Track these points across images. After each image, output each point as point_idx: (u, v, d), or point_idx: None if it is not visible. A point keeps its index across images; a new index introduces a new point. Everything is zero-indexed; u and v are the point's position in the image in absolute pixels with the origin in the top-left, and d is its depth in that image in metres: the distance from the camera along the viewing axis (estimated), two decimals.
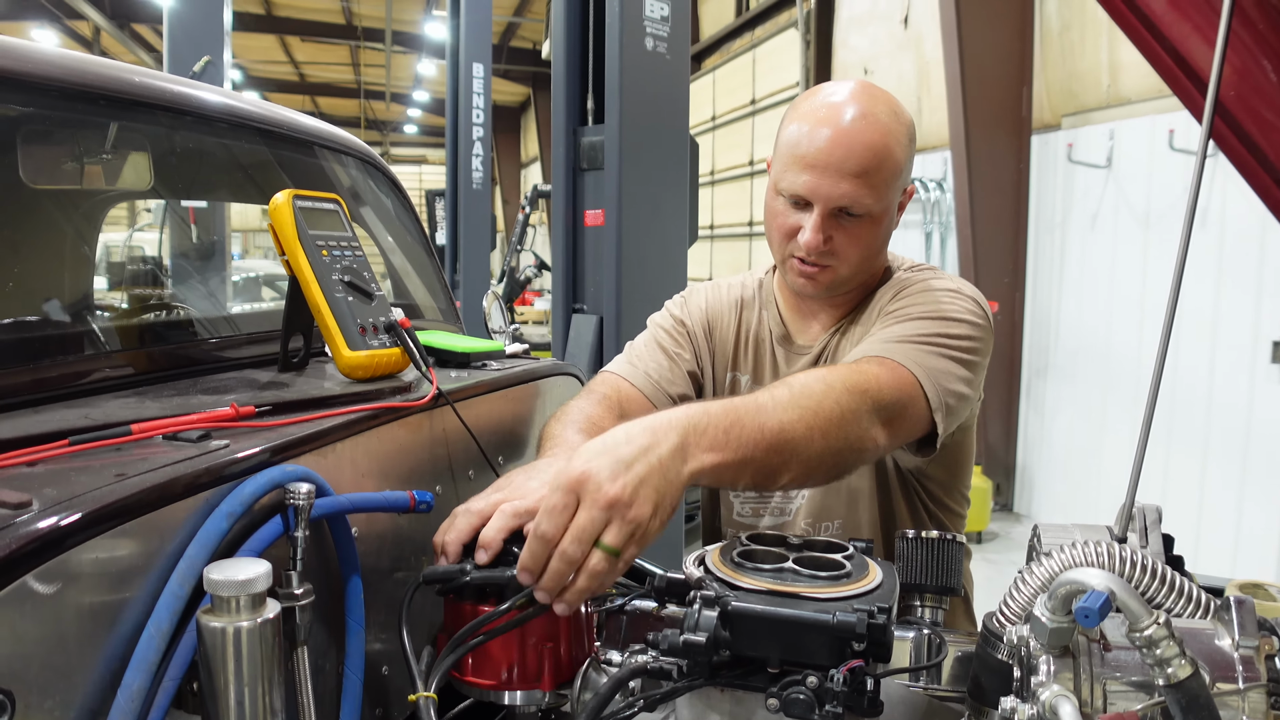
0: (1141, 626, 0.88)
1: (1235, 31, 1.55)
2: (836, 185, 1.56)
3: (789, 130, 1.63)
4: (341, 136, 2.13)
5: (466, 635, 1.13)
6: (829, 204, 1.58)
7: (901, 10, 9.52)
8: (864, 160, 1.56)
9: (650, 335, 1.90)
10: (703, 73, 14.59)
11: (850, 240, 1.62)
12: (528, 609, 1.12)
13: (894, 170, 1.60)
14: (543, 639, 1.17)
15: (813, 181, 1.58)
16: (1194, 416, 6.12)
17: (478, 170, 9.28)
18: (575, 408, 1.62)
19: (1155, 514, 1.30)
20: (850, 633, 1.01)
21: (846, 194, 1.57)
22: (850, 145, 1.55)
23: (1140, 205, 6.62)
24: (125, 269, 2.38)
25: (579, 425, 1.53)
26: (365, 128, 30.59)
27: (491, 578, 1.15)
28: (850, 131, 1.56)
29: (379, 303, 1.45)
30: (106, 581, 0.87)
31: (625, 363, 1.84)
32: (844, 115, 1.58)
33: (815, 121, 1.59)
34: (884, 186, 1.59)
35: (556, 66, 4.05)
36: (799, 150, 1.59)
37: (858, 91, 1.62)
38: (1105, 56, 6.86)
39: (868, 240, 1.64)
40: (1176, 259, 1.33)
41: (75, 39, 20.70)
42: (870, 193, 1.57)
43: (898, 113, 1.63)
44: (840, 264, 1.65)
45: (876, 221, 1.63)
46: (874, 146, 1.56)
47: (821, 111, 1.60)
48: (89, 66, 1.46)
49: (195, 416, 1.11)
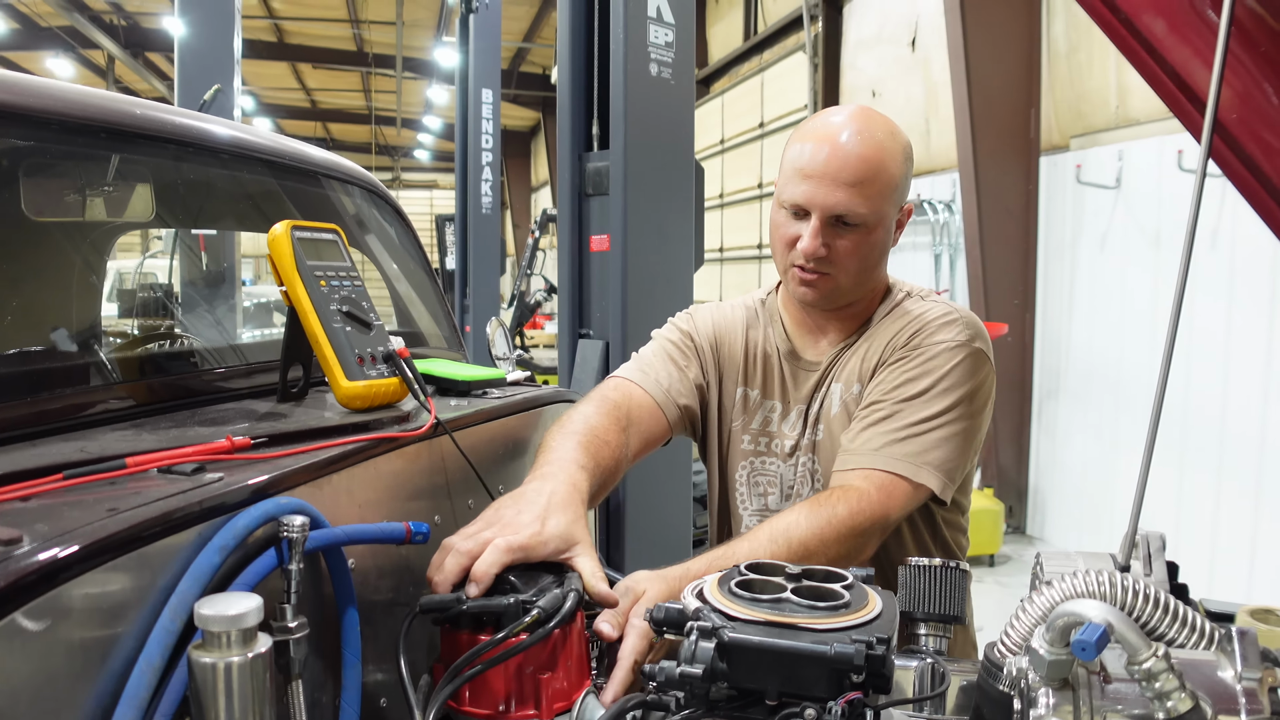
0: (1140, 659, 0.87)
1: (1235, 54, 1.55)
2: (832, 193, 1.65)
3: (791, 149, 1.73)
4: (344, 165, 2.14)
5: (464, 665, 1.13)
6: (825, 211, 1.66)
7: (909, 33, 9.55)
8: (858, 171, 1.65)
9: (659, 346, 1.93)
10: (711, 96, 14.65)
11: (847, 249, 1.70)
12: (524, 637, 1.11)
13: (888, 183, 1.68)
14: (540, 668, 1.16)
15: (810, 190, 1.67)
16: (1207, 438, 6.08)
17: (487, 195, 9.33)
18: (579, 414, 1.63)
19: (1159, 541, 1.28)
20: (848, 664, 0.99)
21: (841, 202, 1.65)
22: (846, 157, 1.65)
23: (1150, 226, 6.60)
24: (132, 298, 2.39)
25: (578, 437, 1.54)
26: (376, 153, 30.81)
27: (488, 606, 1.15)
28: (846, 145, 1.66)
29: (377, 332, 1.45)
30: (97, 617, 0.87)
31: (636, 369, 1.86)
32: (841, 132, 1.68)
33: (815, 139, 1.70)
34: (878, 198, 1.67)
35: (561, 93, 4.06)
36: (798, 163, 1.69)
37: (856, 113, 1.72)
38: (1113, 78, 6.87)
39: (864, 250, 1.71)
40: (1177, 282, 1.32)
41: (90, 68, 20.96)
42: (864, 202, 1.66)
43: (894, 133, 1.73)
44: (838, 272, 1.72)
45: (871, 231, 1.70)
46: (868, 159, 1.66)
47: (821, 130, 1.71)
48: (90, 100, 1.47)
49: (190, 449, 1.11)
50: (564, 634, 1.17)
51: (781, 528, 1.48)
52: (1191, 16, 1.60)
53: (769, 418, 1.89)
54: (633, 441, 1.70)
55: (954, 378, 1.69)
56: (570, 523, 1.29)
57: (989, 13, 7.56)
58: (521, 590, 1.17)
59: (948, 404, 1.67)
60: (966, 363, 1.70)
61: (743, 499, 1.93)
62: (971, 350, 1.72)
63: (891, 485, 1.60)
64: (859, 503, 1.54)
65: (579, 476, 1.43)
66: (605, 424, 1.63)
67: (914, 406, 1.67)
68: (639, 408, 1.76)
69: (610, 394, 1.76)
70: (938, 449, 1.64)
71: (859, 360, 1.80)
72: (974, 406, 1.70)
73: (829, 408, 1.81)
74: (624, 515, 3.75)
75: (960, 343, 1.72)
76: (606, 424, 1.63)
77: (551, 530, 1.25)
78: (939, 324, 1.75)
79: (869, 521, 1.54)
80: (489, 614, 1.15)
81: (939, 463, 1.64)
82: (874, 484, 1.59)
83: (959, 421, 1.67)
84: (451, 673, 1.12)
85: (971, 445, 1.72)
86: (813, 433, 1.83)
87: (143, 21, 18.02)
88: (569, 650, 1.18)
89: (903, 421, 1.65)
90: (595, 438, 1.56)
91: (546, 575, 1.24)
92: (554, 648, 1.15)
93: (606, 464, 1.55)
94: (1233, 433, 5.96)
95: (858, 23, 10.82)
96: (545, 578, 1.23)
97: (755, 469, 1.91)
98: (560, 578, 1.23)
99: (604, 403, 1.70)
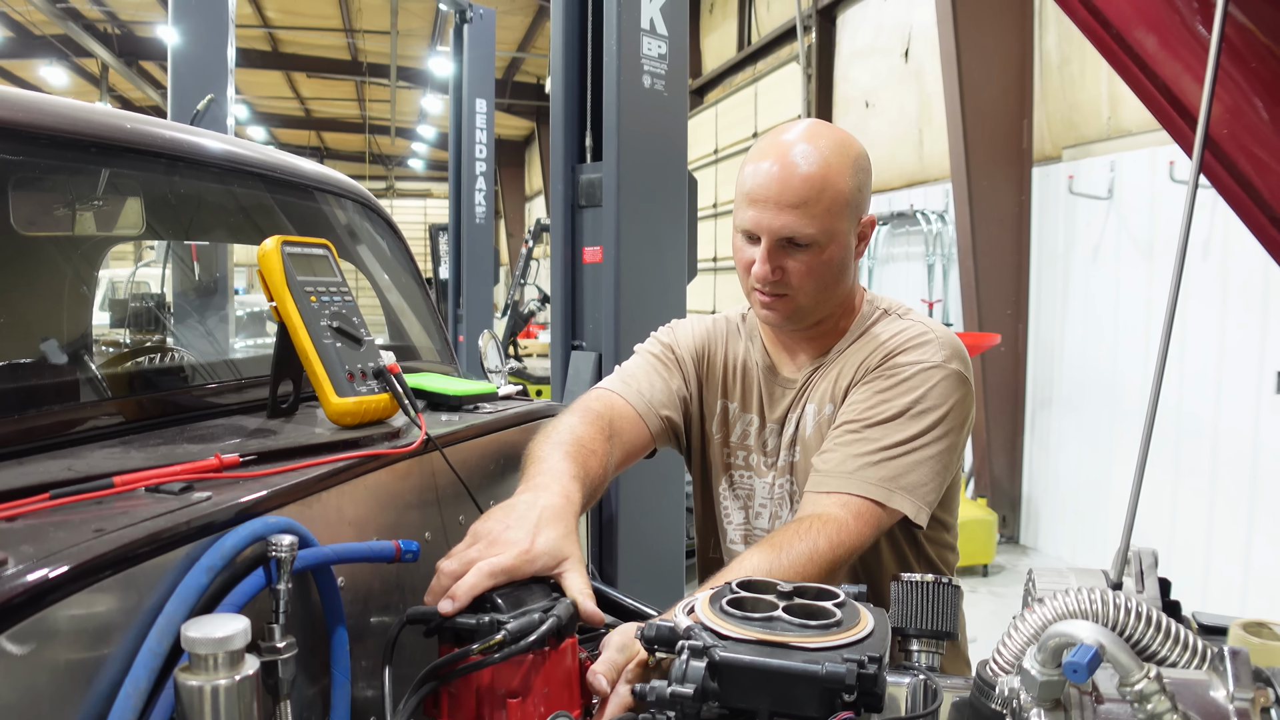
0: (1132, 680, 0.86)
1: (1225, 69, 1.55)
2: (776, 217, 1.64)
3: (742, 171, 1.73)
4: (336, 178, 2.13)
5: (428, 675, 1.13)
6: (772, 235, 1.66)
7: (902, 44, 9.58)
8: (801, 192, 1.63)
9: (641, 359, 1.93)
10: (705, 106, 14.67)
11: (801, 269, 1.68)
12: (493, 653, 1.11)
13: (836, 200, 1.65)
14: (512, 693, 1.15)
15: (755, 215, 1.67)
16: (1200, 449, 6.08)
17: (481, 204, 9.33)
18: (564, 424, 1.63)
19: (1151, 558, 1.28)
20: (840, 683, 0.99)
21: (787, 225, 1.64)
22: (788, 179, 1.63)
23: (1143, 236, 6.62)
24: (124, 308, 2.38)
25: (566, 447, 1.54)
26: (370, 162, 30.80)
27: (459, 623, 1.15)
28: (789, 165, 1.64)
29: (368, 348, 1.45)
30: (83, 639, 0.86)
31: (619, 380, 1.86)
32: (786, 152, 1.66)
33: (762, 159, 1.68)
34: (826, 216, 1.65)
35: (555, 104, 4.07)
36: (746, 187, 1.70)
37: (804, 130, 1.71)
38: (1105, 89, 6.89)
39: (818, 270, 1.69)
40: (1169, 295, 1.33)
41: (84, 76, 20.93)
42: (811, 222, 1.64)
43: (844, 145, 1.69)
44: (797, 293, 1.71)
45: (824, 250, 1.68)
46: (810, 179, 1.63)
47: (768, 151, 1.69)
48: (80, 114, 1.46)
49: (179, 467, 1.11)
50: (540, 659, 1.16)
51: (766, 566, 1.45)
52: (1182, 32, 1.60)
53: (747, 430, 1.89)
54: (616, 452, 1.69)
55: (930, 400, 1.67)
56: (561, 537, 1.28)
57: (981, 24, 7.58)
58: (503, 610, 1.17)
59: (923, 426, 1.66)
60: (943, 384, 1.69)
61: (726, 512, 1.93)
62: (948, 371, 1.70)
63: (867, 512, 1.59)
64: (839, 534, 1.53)
65: (572, 488, 1.42)
66: (591, 433, 1.63)
67: (888, 429, 1.65)
68: (621, 418, 1.76)
69: (593, 405, 1.75)
70: (912, 473, 1.63)
71: (831, 382, 1.79)
72: (950, 428, 1.69)
73: (804, 428, 1.81)
74: (617, 527, 3.75)
75: (936, 363, 1.70)
76: (592, 433, 1.63)
77: (540, 547, 1.25)
78: (914, 344, 1.73)
79: (848, 553, 1.53)
80: (464, 630, 1.15)
81: (913, 487, 1.62)
82: (851, 512, 1.58)
83: (934, 444, 1.66)
84: (418, 681, 1.14)
85: (948, 468, 1.70)
86: (789, 454, 1.83)
87: (136, 30, 18.00)
88: (547, 676, 1.17)
89: (877, 444, 1.64)
90: (583, 447, 1.56)
91: (537, 593, 1.23)
92: (528, 671, 1.14)
93: (595, 474, 1.55)
94: (1226, 443, 5.97)
95: (851, 34, 10.84)
96: (535, 596, 1.22)
97: (736, 482, 1.91)
98: (551, 598, 1.23)
99: (587, 413, 1.70)
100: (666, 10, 3.91)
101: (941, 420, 1.67)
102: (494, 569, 1.19)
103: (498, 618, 1.15)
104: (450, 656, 1.13)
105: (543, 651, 1.16)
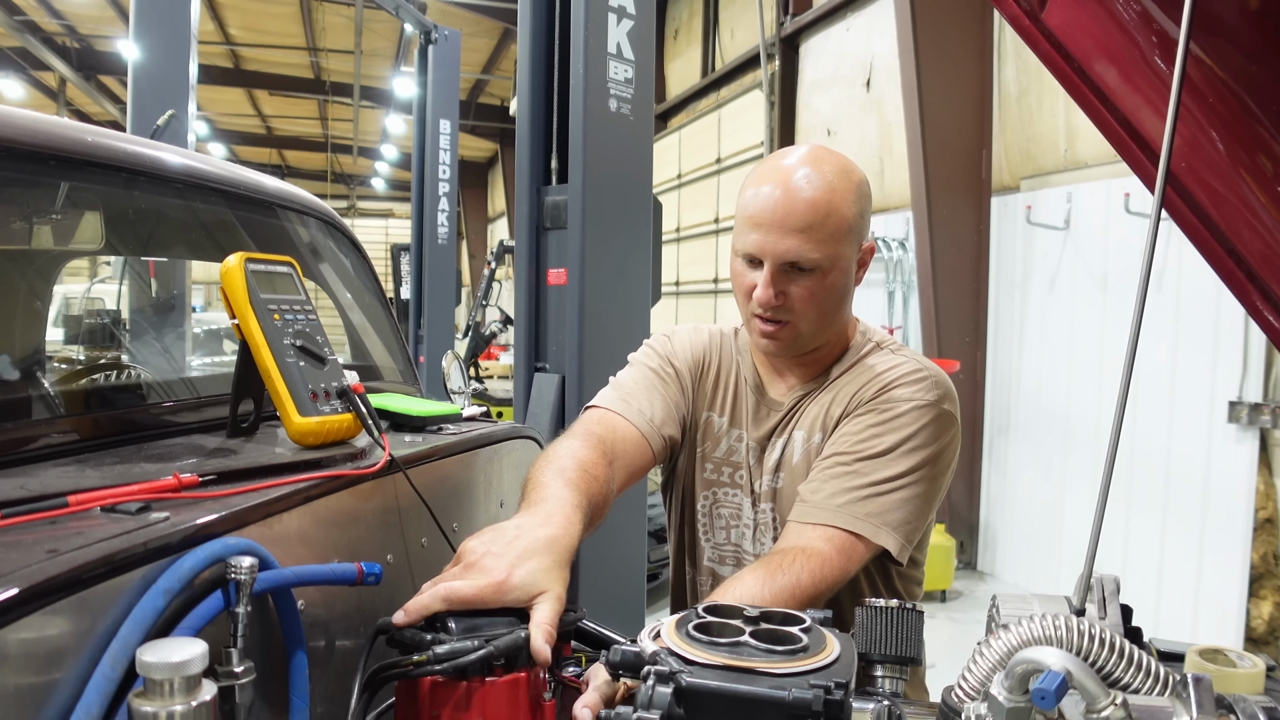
0: (1099, 707, 0.87)
1: (1185, 104, 1.57)
2: (781, 240, 1.62)
3: (744, 195, 1.70)
4: (299, 195, 2.11)
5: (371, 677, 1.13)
6: (776, 259, 1.64)
7: (863, 74, 9.70)
8: (806, 216, 1.61)
9: (640, 374, 1.88)
10: (669, 131, 14.76)
11: (804, 295, 1.67)
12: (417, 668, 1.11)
13: (840, 225, 1.64)
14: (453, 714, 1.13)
15: (759, 239, 1.64)
16: (1153, 477, 6.17)
17: (443, 225, 9.30)
18: (565, 450, 1.58)
19: (1113, 584, 1.29)
20: (806, 710, 0.98)
21: (792, 249, 1.62)
22: (793, 203, 1.62)
23: (1098, 267, 6.73)
24: (78, 325, 2.34)
25: (569, 473, 1.49)
26: (332, 181, 30.64)
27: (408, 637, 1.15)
28: (794, 189, 1.63)
29: (331, 367, 1.43)
30: (34, 663, 0.84)
31: (618, 399, 1.81)
32: (790, 176, 1.65)
33: (765, 183, 1.66)
34: (830, 241, 1.64)
35: (520, 127, 4.07)
36: (748, 211, 1.67)
37: (806, 154, 1.69)
38: (1062, 121, 7.02)
39: (820, 295, 1.68)
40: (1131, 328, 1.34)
41: (41, 90, 20.66)
42: (815, 247, 1.62)
43: (846, 172, 1.68)
44: (798, 319, 1.69)
45: (827, 275, 1.66)
46: (816, 203, 1.62)
47: (771, 174, 1.67)
48: (38, 126, 1.44)
49: (135, 487, 1.08)
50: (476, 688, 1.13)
51: (748, 599, 1.44)
52: (1143, 66, 1.63)
53: (734, 447, 1.86)
54: (618, 475, 1.66)
55: (921, 438, 1.67)
56: (543, 570, 1.24)
57: (942, 56, 7.70)
58: (451, 633, 1.15)
59: (911, 465, 1.65)
60: (934, 425, 1.68)
61: (704, 529, 1.90)
62: (939, 411, 1.70)
63: (851, 547, 1.59)
64: (822, 569, 1.52)
65: (574, 517, 1.38)
66: (593, 458, 1.58)
67: (878, 464, 1.65)
68: (624, 441, 1.72)
69: (594, 428, 1.71)
70: (898, 510, 1.63)
71: (822, 410, 1.77)
72: (937, 469, 1.69)
73: (790, 455, 1.79)
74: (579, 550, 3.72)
75: (929, 402, 1.69)
76: (594, 458, 1.58)
77: (517, 580, 1.20)
78: (909, 380, 1.72)
79: (830, 587, 1.54)
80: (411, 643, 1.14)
81: (898, 524, 1.62)
82: (835, 547, 1.57)
83: (921, 484, 1.66)
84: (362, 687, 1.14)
85: (931, 507, 1.70)
86: (773, 479, 1.81)
87: (96, 44, 17.82)
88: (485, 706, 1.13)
89: (865, 479, 1.63)
90: (586, 473, 1.51)
91: (499, 623, 1.20)
92: (461, 699, 1.12)
93: (597, 499, 1.51)
94: (1178, 470, 6.06)
95: (813, 63, 10.97)
96: (493, 625, 1.19)
97: (717, 499, 1.88)
98: (511, 628, 1.20)
99: (589, 437, 1.66)
100: (633, 35, 3.94)
101: (931, 460, 1.67)
102: (449, 595, 1.17)
103: (439, 636, 1.14)
104: (384, 663, 1.13)
105: (481, 680, 1.13)
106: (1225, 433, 5.73)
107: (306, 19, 16.73)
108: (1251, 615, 5.66)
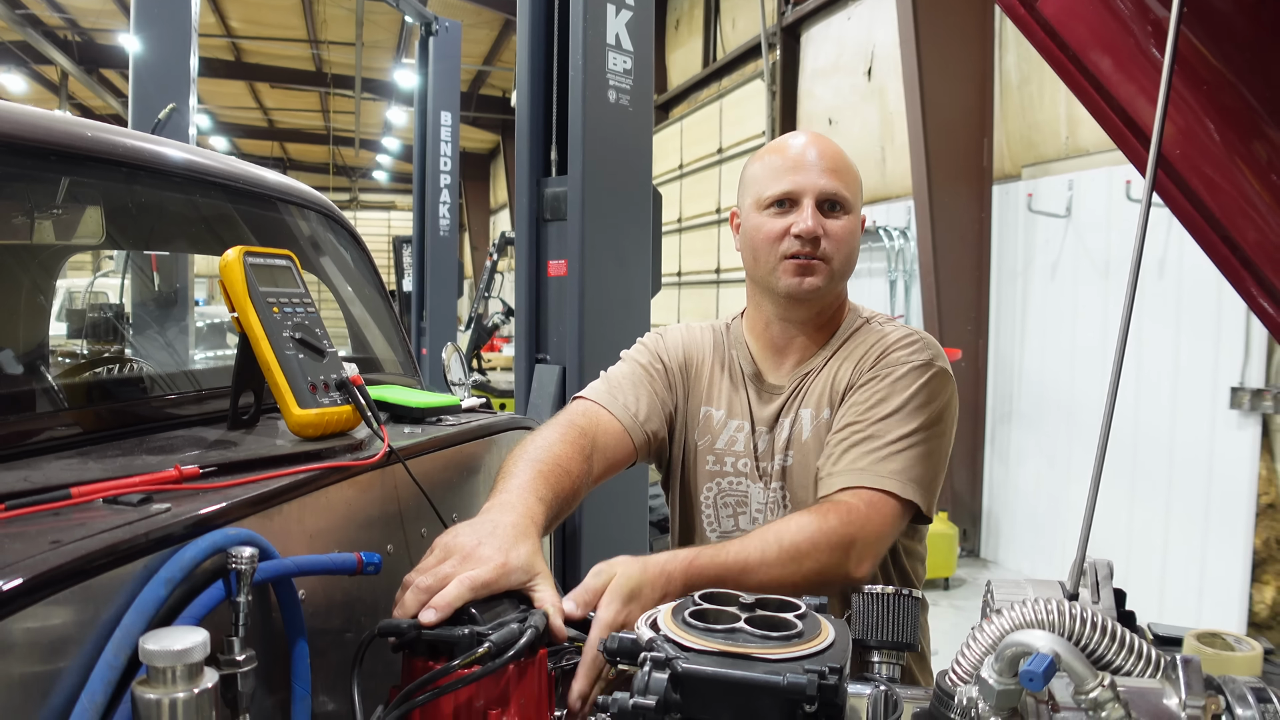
0: (1087, 688, 0.88)
1: (1179, 91, 1.58)
2: (820, 177, 1.74)
3: (759, 163, 1.82)
4: (300, 189, 2.12)
5: (415, 691, 1.11)
6: (816, 193, 1.74)
7: (865, 63, 9.68)
8: (838, 160, 1.77)
9: (628, 369, 1.92)
10: (670, 122, 14.73)
11: (839, 232, 1.76)
12: (476, 668, 1.10)
13: (858, 180, 1.81)
14: (491, 704, 1.15)
15: (798, 178, 1.75)
16: (1157, 463, 6.18)
17: (445, 217, 9.30)
18: (543, 441, 1.61)
19: (1106, 569, 1.30)
20: (801, 694, 1.00)
21: (830, 184, 1.74)
22: (822, 149, 1.77)
23: (1100, 254, 6.73)
24: (81, 318, 2.35)
25: (539, 465, 1.52)
26: (334, 173, 30.59)
27: (442, 635, 1.13)
28: (821, 139, 1.80)
29: (330, 359, 1.44)
30: (38, 652, 0.85)
31: (605, 392, 1.85)
32: (809, 136, 1.81)
33: (788, 145, 1.80)
34: (855, 187, 1.79)
35: (520, 118, 4.07)
36: (775, 165, 1.78)
37: (812, 134, 1.83)
38: (1063, 109, 7.01)
39: (849, 239, 1.78)
40: (1122, 313, 1.35)
41: (43, 84, 20.66)
42: (847, 187, 1.76)
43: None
44: (833, 256, 1.76)
45: (854, 218, 1.78)
46: (841, 155, 1.79)
47: (789, 140, 1.82)
48: (40, 121, 1.45)
49: (137, 479, 1.10)
50: (519, 671, 1.15)
51: (773, 531, 1.49)
52: (1136, 54, 1.63)
53: (735, 437, 1.88)
54: (596, 467, 1.69)
55: (922, 397, 1.71)
56: (531, 554, 1.28)
57: (943, 44, 7.69)
58: (480, 623, 1.16)
59: (919, 423, 1.69)
60: (933, 382, 1.74)
61: (709, 521, 1.91)
62: (936, 370, 1.75)
63: (881, 502, 1.61)
64: (849, 515, 1.56)
65: (537, 509, 1.41)
66: (569, 452, 1.60)
67: (889, 424, 1.68)
68: (605, 433, 1.75)
69: (577, 419, 1.74)
70: (918, 465, 1.66)
71: (827, 384, 1.81)
72: (943, 425, 1.73)
73: (799, 433, 1.81)
74: (580, 540, 3.74)
75: (924, 362, 1.75)
76: (570, 452, 1.61)
77: (515, 562, 1.24)
78: (902, 344, 1.78)
79: (859, 531, 1.55)
80: (443, 642, 1.13)
81: (920, 479, 1.66)
82: (862, 500, 1.60)
83: (930, 440, 1.70)
84: (401, 698, 1.11)
85: (943, 466, 1.74)
86: (783, 458, 1.82)
87: (97, 38, 17.80)
88: (524, 689, 1.17)
89: (882, 440, 1.67)
90: (557, 466, 1.54)
91: (508, 606, 1.22)
92: (507, 684, 1.14)
93: (565, 494, 1.54)
94: (1181, 457, 6.07)
95: (815, 52, 10.95)
96: (507, 610, 1.22)
97: (722, 490, 1.89)
98: (521, 610, 1.22)
99: (570, 429, 1.68)
100: (632, 26, 3.93)
101: (936, 418, 1.72)
102: (475, 582, 1.18)
103: (479, 630, 1.13)
104: (435, 672, 1.10)
105: (520, 663, 1.15)
106: (1228, 419, 5.73)
107: (307, 11, 16.70)
108: (1254, 600, 5.67)
